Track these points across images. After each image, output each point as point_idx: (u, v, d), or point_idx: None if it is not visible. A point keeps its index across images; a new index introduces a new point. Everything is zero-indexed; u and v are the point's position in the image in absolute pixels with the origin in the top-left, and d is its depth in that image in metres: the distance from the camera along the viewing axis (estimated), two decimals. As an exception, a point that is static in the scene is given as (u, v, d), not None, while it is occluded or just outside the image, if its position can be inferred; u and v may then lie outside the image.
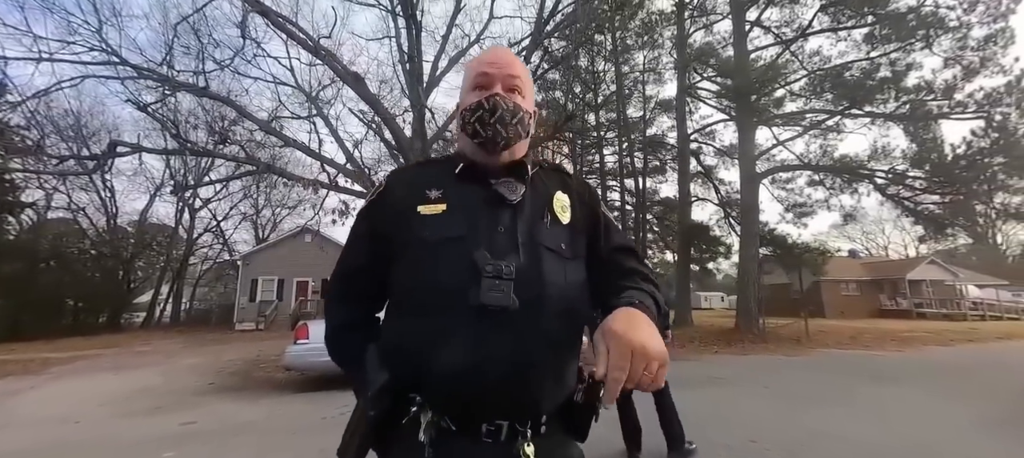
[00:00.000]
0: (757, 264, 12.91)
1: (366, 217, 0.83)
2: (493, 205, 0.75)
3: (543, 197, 0.80)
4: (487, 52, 0.88)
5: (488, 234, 0.72)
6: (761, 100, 11.85)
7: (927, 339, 11.34)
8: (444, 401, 0.67)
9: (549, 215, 0.78)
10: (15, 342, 13.20)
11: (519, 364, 0.66)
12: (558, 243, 0.76)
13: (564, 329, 0.72)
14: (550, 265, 0.72)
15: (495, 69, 0.80)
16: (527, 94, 0.82)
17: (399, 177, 0.85)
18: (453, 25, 9.72)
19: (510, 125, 0.77)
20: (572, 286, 0.74)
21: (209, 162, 19.94)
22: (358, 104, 9.77)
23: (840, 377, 6.30)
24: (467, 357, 0.65)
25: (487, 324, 0.66)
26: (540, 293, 0.69)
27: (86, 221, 22.21)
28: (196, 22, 8.47)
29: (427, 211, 0.74)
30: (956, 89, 11.08)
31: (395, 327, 0.76)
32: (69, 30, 8.05)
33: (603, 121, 19.28)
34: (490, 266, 0.67)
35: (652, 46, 17.34)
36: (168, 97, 8.81)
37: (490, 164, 0.79)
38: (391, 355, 0.72)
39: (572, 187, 0.85)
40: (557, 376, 0.72)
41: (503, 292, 0.65)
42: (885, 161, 12.54)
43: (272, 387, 6.04)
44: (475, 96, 0.79)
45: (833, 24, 12.25)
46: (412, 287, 0.72)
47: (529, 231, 0.74)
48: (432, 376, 0.67)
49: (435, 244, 0.71)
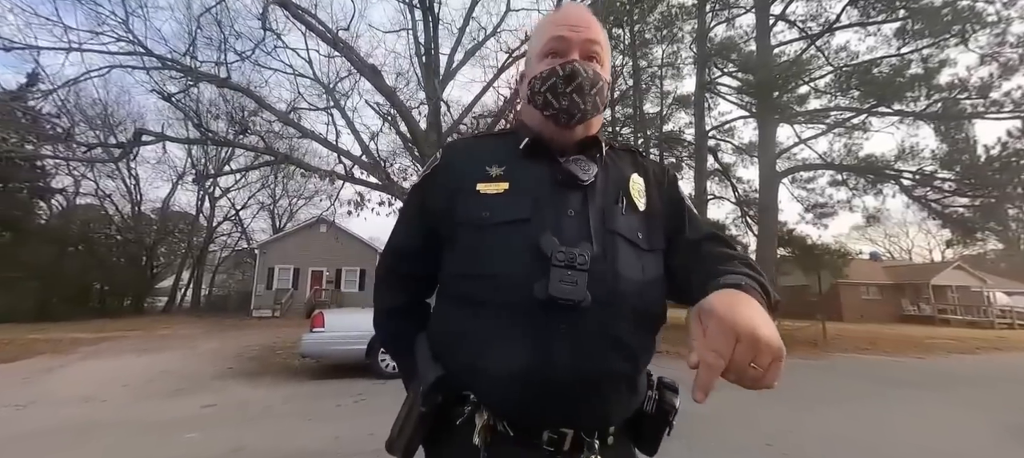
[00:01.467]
0: (774, 265, 12.63)
1: (419, 192, 0.75)
2: (563, 186, 0.66)
3: (618, 179, 0.71)
4: (562, 10, 0.75)
5: (556, 218, 0.64)
6: (784, 97, 11.52)
7: (950, 346, 10.97)
8: (502, 404, 0.61)
9: (625, 200, 0.69)
10: (45, 322, 13.80)
11: (589, 368, 0.59)
12: (635, 232, 0.67)
13: (639, 330, 0.64)
14: (626, 257, 0.64)
15: (573, 32, 0.69)
16: (605, 62, 0.72)
17: (457, 150, 0.77)
18: (470, 18, 9.69)
19: (588, 95, 0.67)
20: (649, 282, 0.66)
21: (229, 152, 20.36)
22: (374, 96, 9.83)
23: (857, 382, 6.15)
24: (530, 357, 0.58)
25: (554, 321, 0.58)
26: (614, 288, 0.61)
27: (112, 208, 23.03)
28: (218, 13, 8.63)
29: (487, 189, 0.67)
30: (992, 87, 10.59)
31: (448, 317, 0.69)
32: (98, 21, 8.27)
33: (619, 116, 19.03)
34: (561, 253, 0.59)
35: (671, 40, 16.97)
36: (191, 87, 9.00)
37: (561, 140, 0.70)
38: (444, 348, 0.66)
39: (648, 169, 0.76)
40: (630, 383, 0.64)
41: (576, 284, 0.58)
42: (913, 161, 12.10)
43: (288, 373, 6.18)
44: (548, 63, 0.69)
45: (862, 18, 11.80)
46: (468, 274, 0.65)
47: (602, 217, 0.66)
48: (489, 376, 0.61)
49: (496, 226, 0.64)
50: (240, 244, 28.53)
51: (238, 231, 29.05)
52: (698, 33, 15.08)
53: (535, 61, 0.72)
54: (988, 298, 22.57)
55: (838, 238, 19.61)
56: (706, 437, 3.04)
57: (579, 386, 0.59)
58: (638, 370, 0.65)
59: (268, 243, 22.12)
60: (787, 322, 13.24)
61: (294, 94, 10.23)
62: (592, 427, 0.61)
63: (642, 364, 0.66)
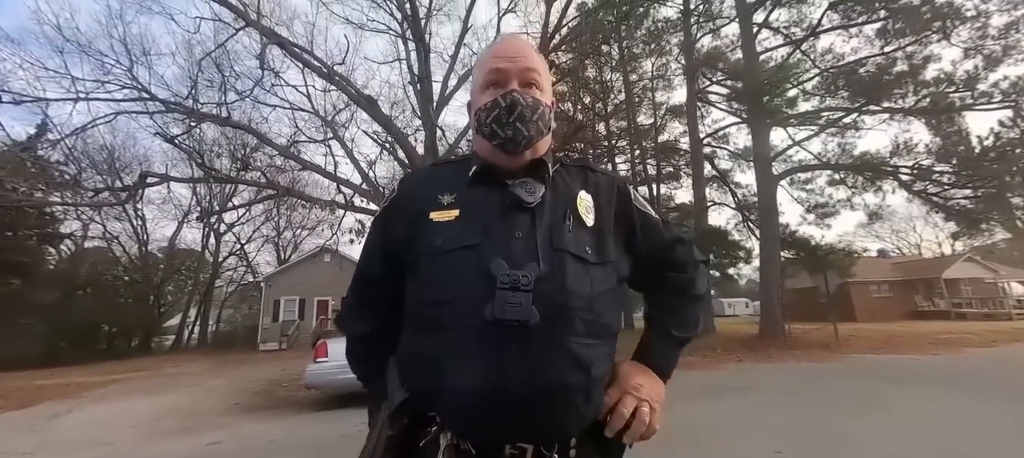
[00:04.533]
0: (779, 268, 12.53)
1: (379, 224, 0.79)
2: (510, 209, 0.69)
3: (565, 198, 0.73)
4: (499, 43, 0.79)
5: (505, 241, 0.66)
6: (773, 101, 11.66)
7: (967, 341, 10.73)
8: (462, 423, 0.63)
9: (572, 217, 0.71)
10: (53, 367, 13.82)
11: (542, 384, 0.61)
12: (582, 248, 0.69)
13: (592, 342, 0.66)
14: (574, 273, 0.66)
15: (509, 62, 0.73)
16: (545, 87, 0.75)
17: (412, 181, 0.80)
18: (461, 45, 10.00)
19: (531, 122, 0.70)
20: (599, 294, 0.68)
21: (232, 188, 20.70)
22: (372, 125, 10.09)
23: (872, 383, 6.03)
24: (485, 377, 0.60)
25: (505, 341, 0.60)
26: (563, 303, 0.63)
27: (119, 249, 23.33)
28: (218, 57, 8.95)
29: (439, 218, 0.69)
30: (979, 79, 10.67)
31: (410, 342, 0.71)
32: (103, 70, 8.61)
33: (614, 130, 19.28)
34: (506, 276, 0.61)
35: (660, 53, 17.31)
36: (194, 128, 9.26)
37: (510, 165, 0.73)
38: (409, 372, 0.69)
39: (599, 184, 0.77)
40: (585, 396, 0.65)
41: (521, 305, 0.60)
42: (908, 157, 12.11)
43: (294, 406, 6.15)
44: (490, 94, 0.72)
45: (843, 21, 12.04)
46: (425, 300, 0.68)
47: (549, 236, 0.67)
48: (448, 397, 0.63)
49: (447, 253, 0.66)
50: (246, 278, 28.69)
51: (243, 265, 29.26)
52: (685, 45, 15.41)
53: (478, 93, 0.76)
54: (1003, 289, 22.16)
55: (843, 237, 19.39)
56: (713, 445, 3.00)
57: (533, 401, 0.61)
58: (592, 380, 0.66)
59: (273, 275, 22.23)
60: (797, 325, 13.05)
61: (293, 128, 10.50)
62: (550, 440, 0.63)
63: (596, 373, 0.67)
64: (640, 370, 0.75)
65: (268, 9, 9.00)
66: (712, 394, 5.23)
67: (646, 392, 0.71)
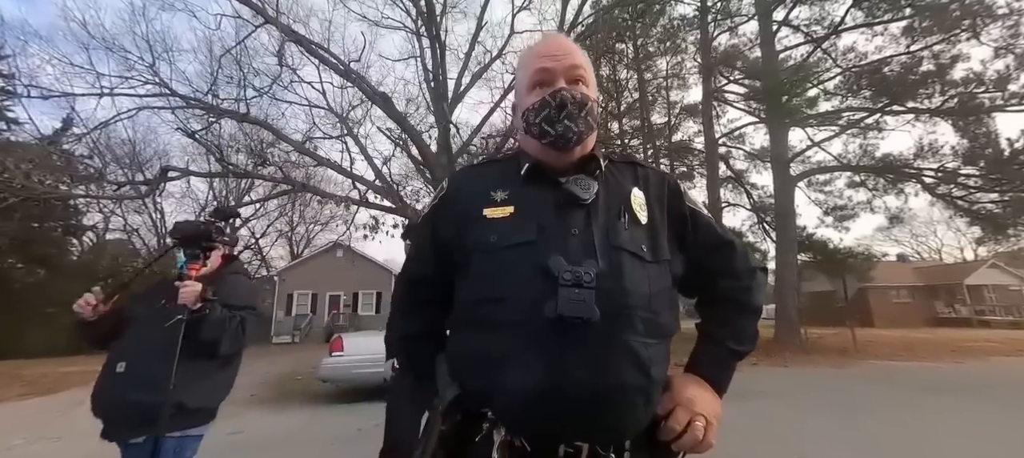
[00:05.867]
0: (796, 271, 12.31)
1: (429, 222, 0.78)
2: (565, 206, 0.68)
3: (618, 195, 0.72)
4: (543, 43, 0.79)
5: (561, 238, 0.65)
6: (792, 100, 11.42)
7: (992, 349, 10.44)
8: (518, 421, 0.62)
9: (627, 214, 0.70)
10: (79, 356, 14.24)
11: (601, 383, 0.60)
12: (639, 246, 0.68)
13: (650, 341, 0.65)
14: (632, 270, 0.65)
15: (555, 62, 0.72)
16: (591, 82, 0.75)
17: (462, 178, 0.80)
18: (475, 42, 9.98)
19: (580, 118, 0.70)
20: (657, 294, 0.67)
21: (249, 183, 21.06)
22: (386, 122, 10.13)
23: (891, 390, 5.90)
24: (544, 375, 0.59)
25: (565, 338, 0.60)
26: (622, 302, 0.63)
27: (139, 241, 23.93)
28: (238, 53, 9.08)
29: (494, 214, 0.69)
30: (1010, 80, 10.29)
31: (465, 340, 0.71)
32: (127, 66, 8.79)
33: (627, 128, 19.11)
34: (568, 273, 0.60)
35: (675, 52, 17.08)
36: (213, 124, 9.43)
37: (560, 163, 0.72)
38: (462, 370, 0.68)
39: (649, 181, 0.77)
40: (645, 397, 0.64)
41: (584, 302, 0.59)
42: (933, 159, 11.74)
43: (308, 399, 6.24)
44: (537, 94, 0.72)
45: (868, 19, 11.71)
46: (478, 298, 0.67)
47: (606, 233, 0.67)
48: (505, 395, 0.62)
49: (504, 250, 0.66)
50: (260, 272, 29.18)
51: (257, 259, 29.76)
52: (701, 43, 15.18)
53: (524, 93, 0.75)
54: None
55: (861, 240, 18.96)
56: (734, 452, 2.96)
57: (593, 400, 0.60)
58: (651, 381, 0.65)
59: (286, 270, 22.60)
60: (814, 330, 12.82)
61: (309, 124, 10.59)
62: (607, 440, 0.62)
63: (655, 374, 0.66)
64: (694, 382, 0.73)
65: (286, 6, 9.12)
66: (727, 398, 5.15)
67: (700, 406, 0.68)
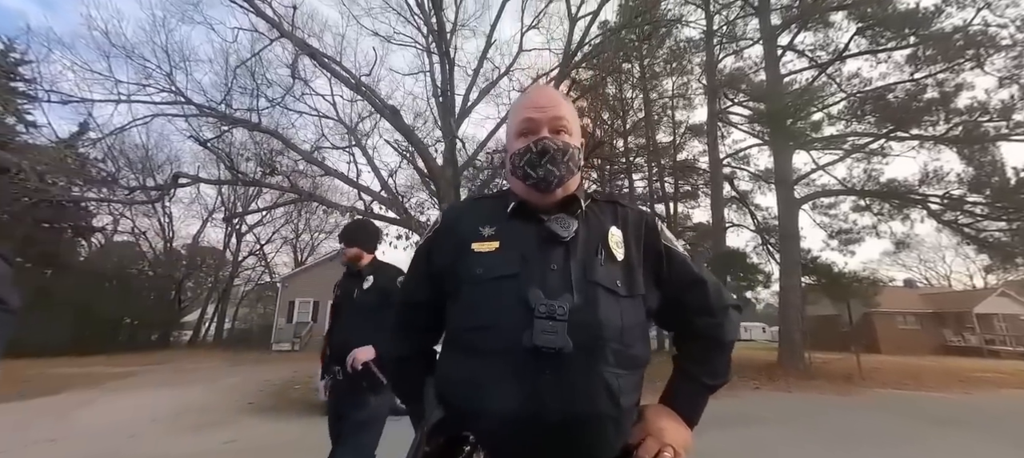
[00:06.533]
0: (800, 294, 12.19)
1: (425, 252, 0.84)
2: (546, 242, 0.73)
3: (597, 233, 0.77)
4: (530, 95, 0.86)
5: (541, 273, 0.70)
6: (797, 124, 11.50)
7: (1003, 381, 10.20)
8: (497, 444, 0.66)
9: (603, 251, 0.75)
10: (79, 356, 14.30)
11: (575, 411, 0.64)
12: (614, 281, 0.72)
13: (623, 372, 0.69)
14: (606, 304, 0.70)
15: (540, 113, 0.79)
16: (574, 131, 0.81)
17: (455, 212, 0.85)
18: (484, 59, 10.19)
19: (562, 163, 0.76)
20: (629, 326, 0.71)
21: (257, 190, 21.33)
22: (394, 134, 10.29)
23: (897, 420, 5.78)
24: (520, 402, 0.64)
25: (542, 367, 0.64)
26: (596, 334, 0.67)
27: (146, 245, 24.18)
28: (252, 65, 9.32)
29: (481, 248, 0.74)
30: (1015, 110, 10.34)
31: (449, 364, 0.75)
32: (144, 74, 9.03)
33: (632, 146, 19.26)
34: (543, 306, 0.65)
35: (681, 73, 17.35)
36: (225, 132, 9.62)
37: (543, 203, 0.78)
38: (448, 393, 0.72)
39: (628, 220, 0.81)
40: (615, 424, 0.68)
41: (556, 334, 0.64)
42: (938, 185, 11.72)
43: (306, 408, 6.22)
44: (523, 141, 0.78)
45: (871, 46, 11.86)
46: (465, 325, 0.72)
47: (583, 269, 0.72)
48: (484, 419, 0.66)
49: (489, 282, 0.71)
50: (263, 278, 29.31)
51: (262, 265, 29.94)
52: (707, 65, 15.37)
53: (512, 139, 0.82)
54: (1040, 327, 21.04)
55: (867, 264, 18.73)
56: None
57: (566, 427, 0.64)
58: (622, 410, 0.69)
59: (290, 277, 22.65)
60: (818, 354, 12.62)
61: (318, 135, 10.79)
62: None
63: (626, 404, 0.69)
64: (667, 414, 0.77)
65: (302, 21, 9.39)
66: (727, 422, 5.09)
67: (670, 436, 0.72)
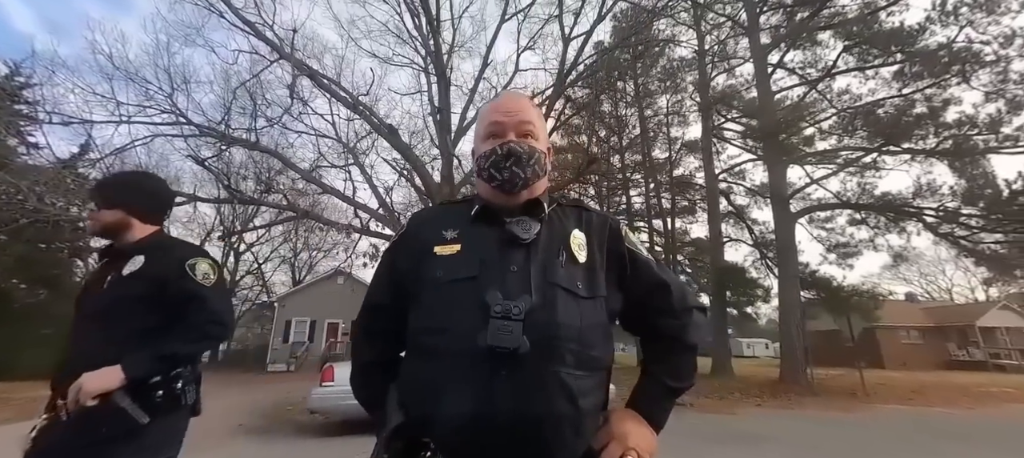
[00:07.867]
0: (800, 309, 12.12)
1: (389, 256, 0.85)
2: (507, 245, 0.74)
3: (559, 235, 0.77)
4: (499, 100, 0.87)
5: (501, 274, 0.70)
6: (789, 139, 11.66)
7: (1009, 396, 10.03)
8: (454, 447, 0.65)
9: (565, 253, 0.75)
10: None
11: (530, 410, 0.63)
12: (574, 282, 0.72)
13: (582, 373, 0.68)
14: (565, 305, 0.69)
15: (507, 117, 0.80)
16: (540, 136, 0.83)
17: (420, 218, 0.87)
18: (480, 79, 10.40)
19: (527, 166, 0.77)
20: (589, 327, 0.71)
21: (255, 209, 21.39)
22: (391, 153, 10.44)
23: (903, 437, 5.66)
24: (475, 402, 0.63)
25: (496, 367, 0.64)
26: (553, 334, 0.67)
27: (143, 264, 24.00)
28: (252, 86, 9.48)
29: (442, 251, 0.75)
30: (1002, 123, 10.50)
31: (409, 368, 0.75)
32: (146, 96, 9.18)
33: (628, 163, 19.45)
34: (499, 306, 0.65)
35: (675, 90, 17.67)
36: (224, 152, 9.72)
37: (508, 205, 0.79)
38: (408, 397, 0.72)
39: (591, 223, 0.82)
40: (574, 427, 0.66)
41: (511, 333, 0.64)
42: (932, 198, 11.80)
43: (297, 430, 6.08)
44: (490, 144, 0.79)
45: (859, 63, 12.13)
46: (424, 327, 0.72)
47: (543, 270, 0.72)
48: (442, 422, 0.65)
49: (447, 284, 0.71)
50: (261, 297, 29.09)
51: (259, 284, 29.75)
52: (700, 83, 15.69)
53: (479, 142, 0.84)
54: (1045, 341, 20.84)
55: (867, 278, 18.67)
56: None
57: (521, 427, 0.63)
58: (580, 411, 0.67)
59: (286, 296, 22.50)
60: (821, 370, 12.46)
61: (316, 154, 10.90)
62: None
63: (585, 405, 0.68)
64: (631, 417, 0.76)
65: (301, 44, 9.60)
66: (730, 440, 4.98)
67: (634, 440, 0.71)
